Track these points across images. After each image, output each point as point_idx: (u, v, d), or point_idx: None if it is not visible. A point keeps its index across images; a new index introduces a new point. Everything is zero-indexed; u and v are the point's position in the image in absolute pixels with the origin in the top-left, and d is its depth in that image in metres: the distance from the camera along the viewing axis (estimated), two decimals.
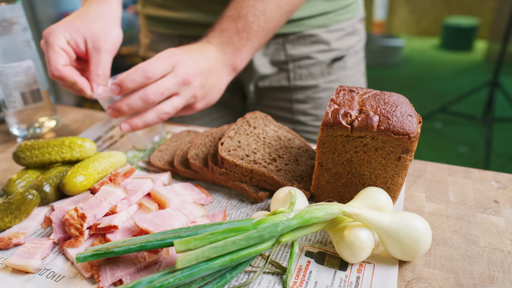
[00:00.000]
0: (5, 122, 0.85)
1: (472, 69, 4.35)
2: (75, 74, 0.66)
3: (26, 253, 0.48)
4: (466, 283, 0.43)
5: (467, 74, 4.20)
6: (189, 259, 0.39)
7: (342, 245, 0.45)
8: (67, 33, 0.67)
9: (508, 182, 0.60)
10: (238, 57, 0.74)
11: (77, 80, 0.65)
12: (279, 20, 0.76)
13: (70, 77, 0.65)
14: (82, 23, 0.69)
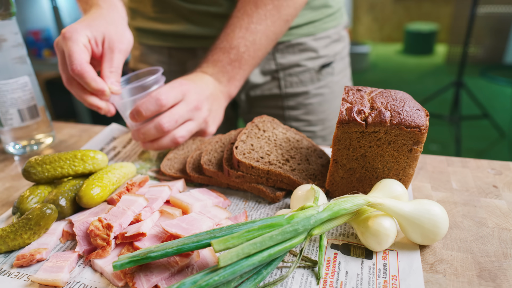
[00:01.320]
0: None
1: (435, 71, 4.57)
2: (94, 73, 0.66)
3: (52, 267, 0.47)
4: (484, 261, 0.46)
5: (430, 77, 4.41)
6: (231, 257, 0.40)
7: (368, 234, 0.47)
8: (89, 31, 0.68)
9: (502, 169, 0.64)
10: (232, 84, 0.78)
11: (96, 79, 0.65)
12: (267, 48, 0.80)
13: (92, 74, 0.65)
14: (101, 24, 0.70)
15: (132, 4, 0.99)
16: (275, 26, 0.77)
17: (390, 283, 0.44)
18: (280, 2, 0.76)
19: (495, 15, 4.27)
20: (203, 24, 0.91)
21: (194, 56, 0.96)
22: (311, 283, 0.45)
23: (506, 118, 3.15)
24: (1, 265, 0.50)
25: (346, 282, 0.44)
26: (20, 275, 0.48)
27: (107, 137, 0.80)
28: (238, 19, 0.76)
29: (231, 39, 0.76)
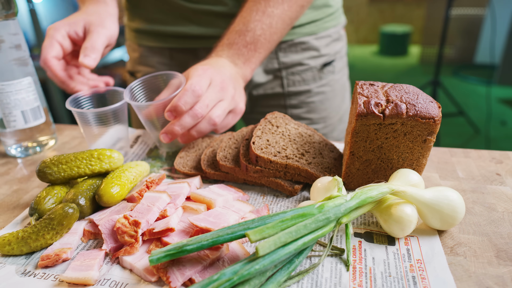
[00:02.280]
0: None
1: (410, 71, 4.71)
2: (58, 68, 0.75)
3: (81, 266, 0.47)
4: (499, 243, 0.49)
5: (406, 76, 4.54)
6: (269, 246, 0.41)
7: (391, 221, 0.49)
8: (68, 27, 0.77)
9: (502, 158, 0.68)
10: (248, 66, 0.78)
11: (58, 74, 0.75)
12: (282, 32, 0.81)
13: (54, 69, 0.75)
14: (81, 17, 0.79)
15: (131, 5, 0.98)
16: (291, 10, 0.78)
17: (416, 267, 0.46)
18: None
19: (466, 17, 4.45)
20: (207, 24, 0.91)
21: (196, 57, 0.97)
22: (341, 270, 0.46)
23: (480, 116, 3.28)
24: (24, 266, 0.49)
25: (374, 267, 0.46)
26: (46, 275, 0.47)
27: (112, 138, 0.79)
28: (255, 3, 0.77)
29: (248, 22, 0.76)
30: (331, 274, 0.45)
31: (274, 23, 0.78)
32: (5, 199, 0.64)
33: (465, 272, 0.45)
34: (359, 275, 0.45)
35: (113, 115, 0.68)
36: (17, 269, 0.49)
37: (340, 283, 0.44)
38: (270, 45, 0.81)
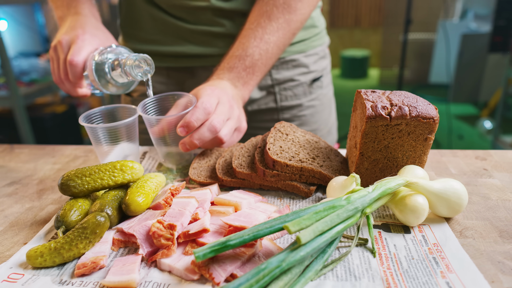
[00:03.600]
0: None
1: None
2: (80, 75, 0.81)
3: (122, 270, 0.48)
4: (499, 225, 0.55)
5: None
6: (309, 234, 0.45)
7: (407, 211, 0.54)
8: (95, 44, 0.81)
9: (485, 155, 0.76)
10: (246, 88, 0.84)
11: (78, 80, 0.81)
12: (276, 57, 0.88)
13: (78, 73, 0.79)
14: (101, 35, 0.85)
15: (128, 27, 1.01)
16: (285, 37, 0.85)
17: (434, 249, 0.51)
18: (291, 16, 0.84)
19: (419, 41, 4.80)
20: (204, 44, 0.96)
21: (192, 75, 1.00)
22: (368, 257, 0.50)
23: (439, 131, 3.50)
24: (59, 277, 0.49)
25: (397, 253, 0.51)
26: (85, 283, 0.48)
27: (119, 155, 0.80)
28: (253, 30, 0.83)
29: (247, 48, 0.82)
30: (360, 261, 0.49)
31: (270, 49, 0.85)
32: (20, 217, 0.63)
33: (477, 251, 0.50)
34: (386, 260, 0.49)
35: (126, 130, 0.70)
36: (53, 280, 0.49)
37: (371, 267, 0.48)
38: (266, 69, 0.87)
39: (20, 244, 0.56)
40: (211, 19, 0.94)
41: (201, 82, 1.00)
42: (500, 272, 0.46)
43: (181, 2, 0.93)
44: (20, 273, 0.50)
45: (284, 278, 0.44)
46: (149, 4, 0.97)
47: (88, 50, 0.78)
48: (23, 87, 2.72)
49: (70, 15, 0.87)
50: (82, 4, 0.88)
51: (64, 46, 0.79)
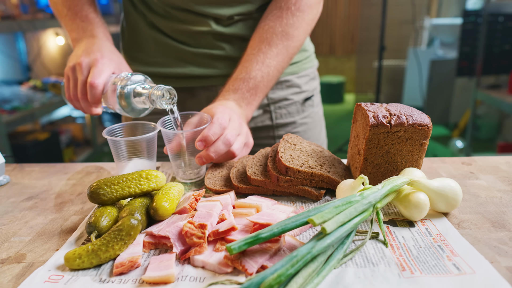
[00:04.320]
0: None
1: (347, 116, 5.15)
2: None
3: (159, 266, 0.52)
4: (490, 217, 0.62)
5: (345, 121, 4.95)
6: (332, 225, 0.50)
7: (411, 206, 0.60)
8: (113, 68, 0.87)
9: (469, 161, 0.85)
10: (249, 108, 0.91)
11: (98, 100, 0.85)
12: (276, 79, 0.96)
13: (98, 96, 0.83)
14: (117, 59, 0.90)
15: (131, 50, 1.07)
16: (283, 61, 0.92)
17: (438, 239, 0.57)
18: (288, 43, 0.92)
19: (391, 68, 5.06)
20: (205, 65, 1.02)
21: (193, 95, 1.06)
22: (381, 247, 0.56)
23: None
24: (98, 276, 0.52)
25: (406, 243, 0.57)
26: (124, 281, 0.51)
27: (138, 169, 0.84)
28: (255, 55, 0.90)
29: (250, 71, 0.89)
30: (375, 251, 0.55)
31: (271, 72, 0.92)
32: (46, 227, 0.65)
33: (474, 238, 0.57)
34: (397, 249, 0.55)
35: (146, 144, 0.74)
36: (93, 279, 0.52)
37: (385, 256, 0.54)
38: (267, 90, 0.94)
39: (52, 251, 0.59)
40: (212, 42, 1.01)
41: (201, 101, 1.06)
42: (497, 255, 0.53)
43: (184, 27, 1.00)
44: (60, 275, 0.52)
45: (312, 266, 0.49)
46: (152, 29, 1.04)
47: (107, 73, 0.84)
48: (5, 115, 2.70)
49: (86, 38, 0.92)
50: (98, 28, 0.94)
51: (83, 68, 0.84)
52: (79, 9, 0.97)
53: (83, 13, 0.96)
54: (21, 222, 0.67)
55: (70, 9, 0.97)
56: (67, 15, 0.97)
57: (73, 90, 0.86)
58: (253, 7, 1.00)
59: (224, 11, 0.98)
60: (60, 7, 0.99)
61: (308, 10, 0.95)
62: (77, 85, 0.85)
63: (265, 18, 0.95)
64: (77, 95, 0.85)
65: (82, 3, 0.98)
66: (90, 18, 0.96)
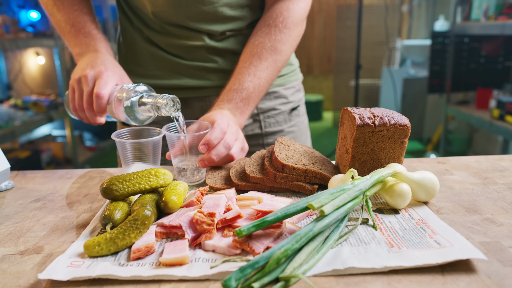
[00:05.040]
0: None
1: (326, 133, 5.30)
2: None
3: (174, 250, 0.57)
4: (464, 204, 0.71)
5: (324, 137, 5.09)
6: (329, 207, 0.57)
7: (395, 196, 0.68)
8: (116, 80, 0.92)
9: (444, 161, 0.94)
10: (242, 117, 0.98)
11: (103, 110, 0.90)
12: (266, 90, 1.03)
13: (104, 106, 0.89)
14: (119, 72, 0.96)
15: (128, 63, 1.12)
16: (273, 74, 1.00)
17: (420, 222, 0.64)
18: (277, 57, 1.00)
19: (367, 86, 5.27)
20: (198, 77, 1.09)
21: (187, 106, 1.12)
22: (371, 230, 0.63)
23: None
24: (117, 261, 0.57)
25: (393, 226, 0.64)
26: (142, 264, 0.56)
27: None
28: (246, 68, 0.97)
29: (242, 83, 0.96)
30: (366, 233, 0.62)
31: (261, 83, 1.00)
32: (58, 223, 0.69)
33: (451, 221, 0.65)
34: (385, 231, 0.62)
35: (152, 147, 0.80)
36: (112, 263, 0.56)
37: (375, 236, 0.60)
38: (258, 100, 1.02)
39: (68, 243, 0.63)
40: (205, 56, 1.08)
41: (194, 111, 1.12)
42: (471, 233, 0.61)
43: (179, 42, 1.07)
44: (81, 261, 0.57)
45: (312, 244, 0.55)
46: (149, 44, 1.10)
47: (112, 84, 0.89)
48: None
49: (89, 52, 0.97)
50: (100, 43, 1.00)
51: (89, 79, 0.89)
52: (82, 26, 1.03)
53: (85, 30, 1.02)
54: (33, 220, 0.71)
55: (73, 26, 1.03)
56: (70, 31, 1.03)
57: (79, 101, 0.91)
58: (243, 24, 1.08)
59: (217, 27, 1.05)
60: (63, 24, 1.04)
61: (293, 27, 1.04)
62: (82, 96, 0.90)
63: (255, 34, 1.04)
64: (83, 106, 0.90)
65: (85, 20, 1.04)
66: (92, 34, 1.02)
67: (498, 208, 0.69)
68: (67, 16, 1.03)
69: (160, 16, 1.05)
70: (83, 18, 1.03)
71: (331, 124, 5.66)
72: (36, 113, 3.27)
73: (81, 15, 1.04)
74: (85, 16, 1.04)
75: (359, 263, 0.53)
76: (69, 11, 1.04)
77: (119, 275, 0.52)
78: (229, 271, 0.52)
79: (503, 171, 0.86)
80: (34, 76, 4.04)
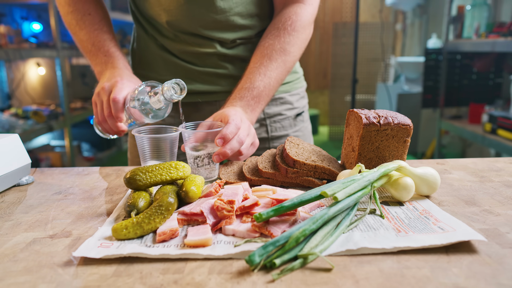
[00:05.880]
0: None
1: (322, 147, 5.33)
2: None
3: (198, 233, 0.61)
4: (464, 198, 0.76)
5: None
6: (342, 194, 0.62)
7: (400, 189, 0.73)
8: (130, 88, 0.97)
9: (442, 162, 0.99)
10: (253, 114, 1.03)
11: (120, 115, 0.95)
12: (276, 89, 1.08)
13: (120, 107, 0.94)
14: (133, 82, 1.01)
15: (142, 69, 1.18)
16: (282, 74, 1.06)
17: (423, 212, 0.69)
18: (286, 58, 1.06)
19: (362, 101, 5.37)
20: (209, 83, 1.15)
21: (197, 109, 1.18)
22: (379, 219, 0.67)
23: None
24: (144, 243, 0.60)
25: (398, 215, 0.68)
26: (167, 246, 0.60)
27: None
28: (257, 68, 1.03)
29: (254, 81, 1.01)
30: (374, 221, 0.66)
31: (271, 82, 1.05)
32: (82, 212, 0.73)
33: (452, 212, 0.70)
34: (392, 219, 0.67)
35: (169, 143, 0.84)
36: (139, 245, 0.60)
37: (383, 224, 0.65)
38: (268, 99, 1.07)
39: (94, 228, 0.66)
40: (216, 63, 1.14)
41: (205, 115, 1.17)
42: (471, 222, 0.66)
43: (191, 49, 1.13)
44: (109, 242, 0.60)
45: (326, 229, 0.60)
46: (162, 51, 1.16)
47: (127, 91, 0.95)
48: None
49: (108, 69, 1.04)
50: (118, 60, 1.06)
51: (106, 90, 0.96)
52: (102, 45, 1.09)
53: (105, 48, 1.08)
54: (57, 209, 0.75)
55: (93, 45, 1.09)
56: (91, 50, 1.09)
57: (100, 111, 0.97)
58: (253, 32, 1.14)
59: (228, 35, 1.12)
60: (85, 43, 1.11)
61: (301, 30, 1.10)
62: (102, 106, 0.96)
63: (265, 37, 1.10)
64: (104, 114, 0.95)
65: (104, 39, 1.10)
66: (111, 52, 1.08)
67: (495, 201, 0.74)
68: (88, 36, 1.10)
69: (174, 25, 1.10)
70: (103, 37, 1.10)
71: (327, 138, 5.74)
72: (36, 122, 3.29)
73: (101, 33, 1.10)
74: (104, 34, 1.11)
75: (370, 244, 0.57)
76: (90, 30, 1.10)
77: (148, 253, 0.56)
78: (251, 250, 0.56)
79: (498, 171, 0.92)
80: (35, 86, 4.08)
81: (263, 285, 0.50)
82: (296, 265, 0.53)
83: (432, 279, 0.50)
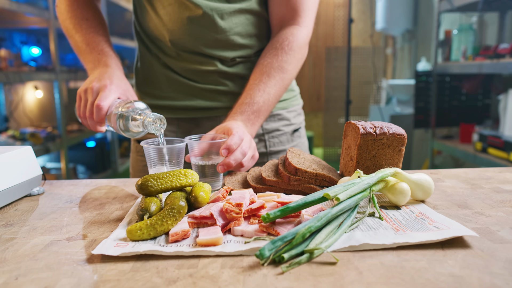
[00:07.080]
0: None
1: None
2: None
3: (209, 233, 0.64)
4: (456, 203, 0.80)
5: None
6: (344, 195, 0.66)
7: (397, 193, 0.77)
8: (119, 93, 1.02)
9: (436, 172, 1.04)
10: (253, 128, 1.08)
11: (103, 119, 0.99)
12: (274, 105, 1.14)
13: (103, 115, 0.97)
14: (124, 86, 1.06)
15: (145, 86, 1.23)
16: (280, 90, 1.12)
17: (420, 214, 0.74)
18: (284, 75, 1.12)
19: None
20: (210, 99, 1.20)
21: (198, 125, 1.22)
22: (378, 220, 0.71)
23: None
24: (158, 243, 0.64)
25: (396, 217, 0.73)
26: (180, 245, 0.63)
27: None
28: (257, 85, 1.09)
29: (253, 97, 1.07)
30: (373, 222, 0.70)
31: (270, 98, 1.11)
32: (95, 218, 0.76)
33: (446, 214, 0.74)
34: (390, 221, 0.71)
35: (177, 154, 0.89)
36: (153, 245, 0.63)
37: (381, 224, 0.69)
38: (267, 114, 1.12)
39: (108, 232, 0.70)
40: (217, 80, 1.20)
41: (205, 131, 1.22)
42: (464, 222, 0.70)
43: (193, 67, 1.18)
44: (125, 243, 0.64)
45: (329, 228, 0.64)
46: (165, 69, 1.22)
47: (113, 98, 0.98)
48: None
49: (100, 67, 1.09)
50: (111, 59, 1.11)
51: (93, 91, 0.99)
52: (96, 45, 1.14)
53: (99, 48, 1.14)
54: (70, 216, 0.78)
55: (88, 45, 1.15)
56: (86, 49, 1.15)
57: (83, 109, 1.01)
58: (251, 51, 1.21)
59: (228, 53, 1.18)
60: (79, 44, 1.16)
61: (298, 50, 1.17)
62: (86, 105, 1.00)
63: (263, 56, 1.16)
64: (86, 114, 1.00)
65: (99, 40, 1.16)
66: (105, 51, 1.14)
67: (485, 205, 0.79)
68: (84, 37, 1.15)
69: (177, 43, 1.17)
70: (98, 38, 1.15)
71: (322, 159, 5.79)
72: (33, 144, 3.32)
73: (96, 35, 1.16)
74: (100, 36, 1.17)
75: (371, 241, 0.61)
76: (86, 32, 1.16)
77: (163, 250, 0.60)
78: (260, 247, 0.60)
79: (488, 179, 0.97)
80: (32, 109, 4.12)
81: (273, 277, 0.53)
82: (303, 259, 0.57)
83: (429, 270, 0.54)
